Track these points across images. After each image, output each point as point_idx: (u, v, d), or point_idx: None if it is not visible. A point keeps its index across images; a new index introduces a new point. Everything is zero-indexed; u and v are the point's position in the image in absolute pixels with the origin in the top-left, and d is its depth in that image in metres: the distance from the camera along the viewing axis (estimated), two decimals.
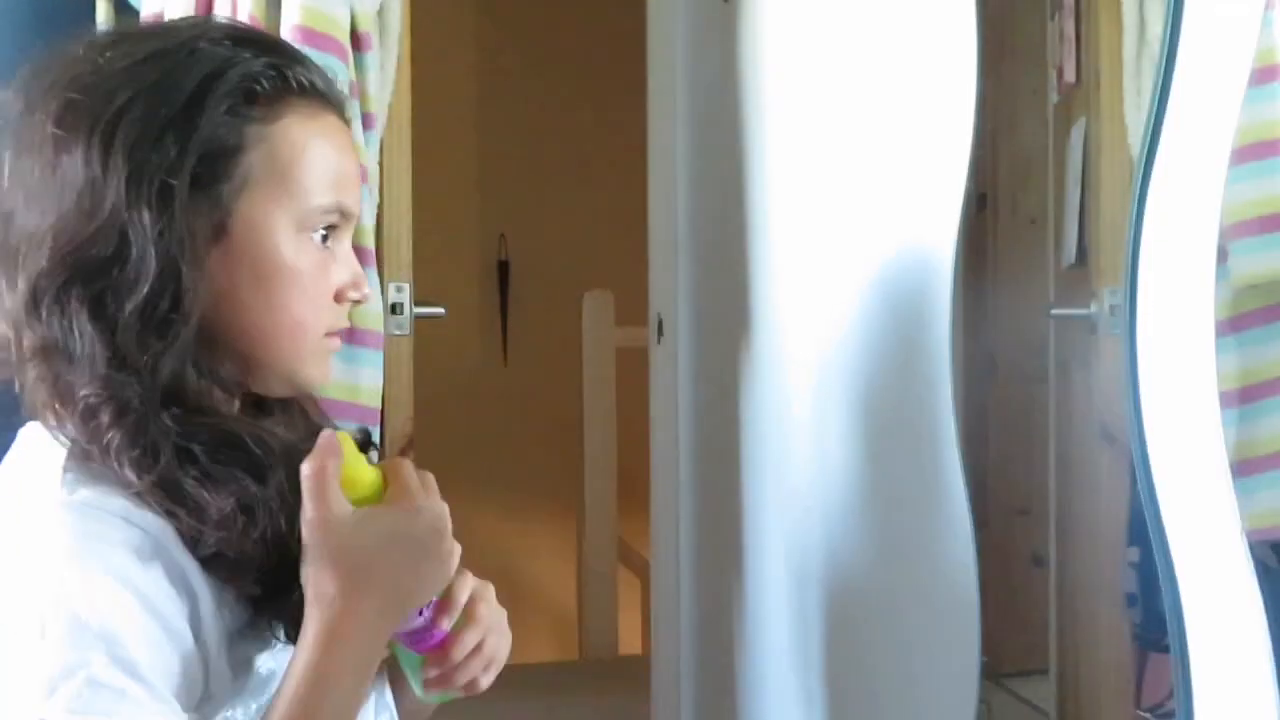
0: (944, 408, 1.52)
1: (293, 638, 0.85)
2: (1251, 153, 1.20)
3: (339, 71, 1.63)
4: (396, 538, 0.85)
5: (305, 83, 0.90)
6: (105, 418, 0.83)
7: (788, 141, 2.00)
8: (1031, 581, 2.22)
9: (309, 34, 1.76)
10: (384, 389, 1.76)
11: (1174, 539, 1.07)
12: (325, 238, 0.92)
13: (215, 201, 0.86)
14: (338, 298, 0.93)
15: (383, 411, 1.78)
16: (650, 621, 2.58)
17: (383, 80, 1.89)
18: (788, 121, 1.99)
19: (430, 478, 0.89)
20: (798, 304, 1.95)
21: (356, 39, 1.83)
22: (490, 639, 0.94)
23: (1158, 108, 1.09)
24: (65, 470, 0.84)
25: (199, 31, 0.90)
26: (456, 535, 0.89)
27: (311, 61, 0.94)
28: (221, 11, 1.84)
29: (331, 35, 1.77)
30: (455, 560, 0.89)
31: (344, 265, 0.93)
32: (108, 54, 0.87)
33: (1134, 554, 1.72)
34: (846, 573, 1.74)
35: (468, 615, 0.92)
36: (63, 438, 0.86)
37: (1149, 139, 1.10)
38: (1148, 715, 1.66)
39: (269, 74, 0.88)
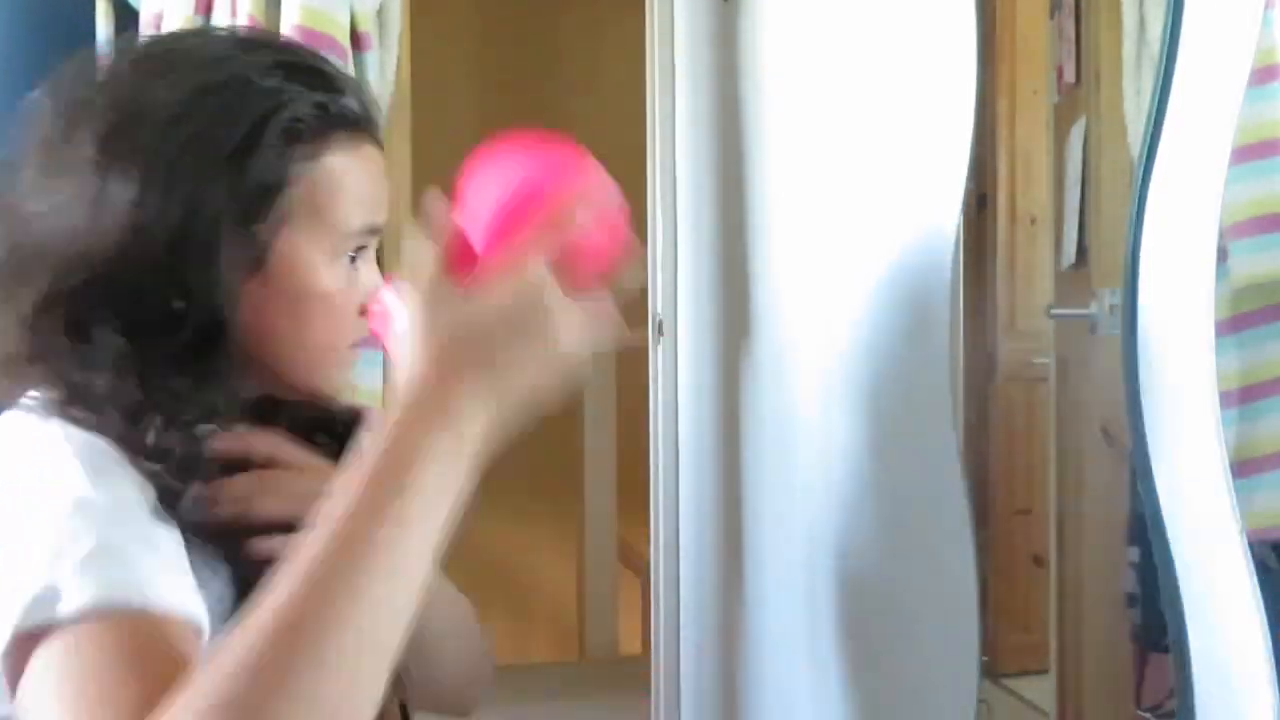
0: (944, 408, 1.52)
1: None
2: (1251, 153, 1.20)
3: None
4: (518, 310, 0.79)
5: (349, 114, 0.91)
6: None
7: (787, 141, 1.99)
8: (1031, 581, 2.22)
9: (309, 34, 1.76)
10: (383, 390, 1.76)
11: (1174, 539, 1.07)
12: (353, 256, 0.94)
13: (254, 237, 0.87)
14: (362, 311, 0.94)
15: None
16: (650, 621, 2.58)
17: (383, 80, 1.89)
18: (787, 121, 1.99)
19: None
20: (797, 303, 1.94)
21: (356, 39, 1.83)
22: None
23: (1158, 108, 1.09)
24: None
25: (250, 60, 0.89)
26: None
27: (353, 82, 0.94)
28: (221, 11, 1.84)
29: (331, 35, 1.77)
30: (579, 350, 0.85)
31: (369, 279, 0.95)
32: (157, 82, 0.87)
33: (1134, 554, 1.72)
34: (846, 572, 1.74)
35: None
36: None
37: (1149, 139, 1.10)
38: (1148, 715, 1.66)
39: (317, 113, 0.89)
